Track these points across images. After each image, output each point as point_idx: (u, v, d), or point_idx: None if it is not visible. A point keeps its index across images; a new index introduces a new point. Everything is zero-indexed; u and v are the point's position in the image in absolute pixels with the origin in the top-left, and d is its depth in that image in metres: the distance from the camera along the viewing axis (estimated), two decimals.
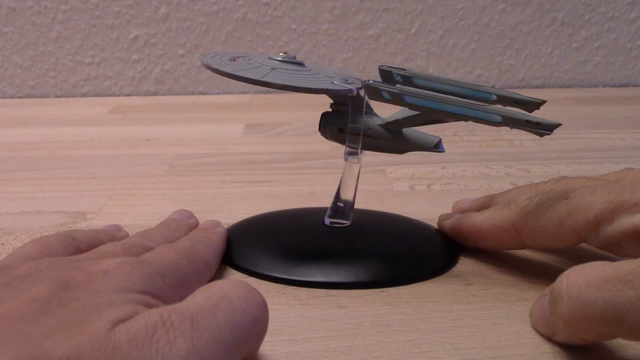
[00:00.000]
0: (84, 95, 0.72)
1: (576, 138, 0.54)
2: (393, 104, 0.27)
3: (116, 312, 0.17)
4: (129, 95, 0.73)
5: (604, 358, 0.23)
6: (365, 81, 0.28)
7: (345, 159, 0.30)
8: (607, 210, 0.24)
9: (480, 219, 0.30)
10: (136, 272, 0.21)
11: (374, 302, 0.27)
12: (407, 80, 0.30)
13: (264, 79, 0.27)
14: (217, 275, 0.29)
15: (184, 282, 0.23)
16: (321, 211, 0.32)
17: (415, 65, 0.73)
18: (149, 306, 0.19)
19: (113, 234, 0.30)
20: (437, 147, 0.26)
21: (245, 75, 0.27)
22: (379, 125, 0.28)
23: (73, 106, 0.67)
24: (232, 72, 0.27)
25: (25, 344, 0.15)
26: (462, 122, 0.28)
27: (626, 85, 0.77)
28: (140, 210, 0.38)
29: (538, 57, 0.75)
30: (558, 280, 0.22)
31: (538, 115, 0.26)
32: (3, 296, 0.18)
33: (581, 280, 0.21)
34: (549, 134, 0.24)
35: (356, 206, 0.33)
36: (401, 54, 0.73)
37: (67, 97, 0.72)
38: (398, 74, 0.30)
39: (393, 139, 0.27)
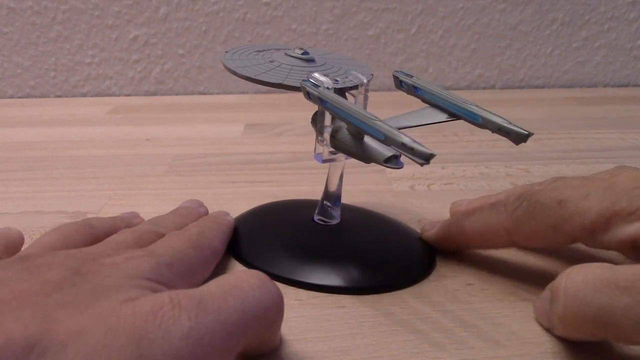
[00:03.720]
0: (84, 95, 0.72)
1: (576, 138, 0.54)
2: (318, 105, 0.27)
3: (125, 293, 0.18)
4: (129, 95, 0.72)
5: (604, 358, 0.23)
6: (302, 80, 0.27)
7: (314, 157, 0.29)
8: (603, 218, 0.24)
9: (468, 223, 0.29)
10: (143, 264, 0.22)
11: (374, 302, 0.27)
12: (410, 88, 0.30)
13: (237, 70, 0.28)
14: (223, 262, 0.30)
15: (191, 270, 0.25)
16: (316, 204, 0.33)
17: (416, 65, 0.73)
18: (157, 292, 0.20)
19: (129, 221, 0.32)
20: (388, 162, 0.24)
21: (230, 67, 0.29)
22: (346, 129, 0.27)
23: (73, 106, 0.67)
24: (229, 66, 0.29)
25: (38, 312, 0.16)
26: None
27: (626, 85, 0.77)
28: (140, 210, 0.38)
29: (538, 57, 0.75)
30: (558, 278, 0.22)
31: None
32: (21, 277, 0.19)
33: (580, 280, 0.21)
34: (426, 164, 0.21)
35: (356, 205, 0.33)
36: (401, 54, 0.73)
37: (67, 97, 0.72)
38: (403, 81, 0.30)
39: (354, 145, 0.26)
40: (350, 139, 0.26)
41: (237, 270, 0.21)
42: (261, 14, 0.70)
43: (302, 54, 0.30)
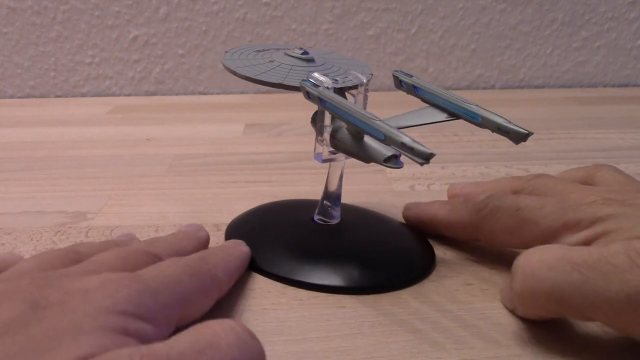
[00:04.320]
0: (84, 95, 0.72)
1: (576, 138, 0.54)
2: (317, 104, 0.27)
3: (80, 346, 0.16)
4: (129, 95, 0.73)
5: (604, 358, 0.23)
6: (302, 80, 0.27)
7: (314, 157, 0.30)
8: (552, 229, 0.25)
9: (441, 213, 0.31)
10: (122, 290, 0.19)
11: (374, 302, 0.27)
12: (410, 87, 0.30)
13: (237, 70, 0.29)
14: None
15: (183, 300, 0.22)
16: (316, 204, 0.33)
17: (415, 65, 0.73)
18: (127, 332, 0.17)
19: (125, 245, 0.28)
20: (388, 161, 0.24)
21: (230, 67, 0.29)
22: (346, 128, 0.27)
23: (73, 106, 0.67)
24: (229, 66, 0.29)
25: None
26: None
27: (626, 85, 0.77)
28: (140, 210, 0.38)
29: (538, 57, 0.75)
30: (516, 259, 0.24)
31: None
32: None
33: (536, 258, 0.23)
34: (426, 163, 0.22)
35: (356, 204, 0.32)
36: (401, 54, 0.73)
37: (67, 97, 0.72)
38: (403, 81, 0.30)
39: (354, 145, 0.26)
40: (350, 138, 0.26)
41: (213, 322, 0.18)
42: (261, 14, 0.70)
43: (302, 53, 0.30)
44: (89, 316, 0.17)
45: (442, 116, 0.28)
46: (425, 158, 0.21)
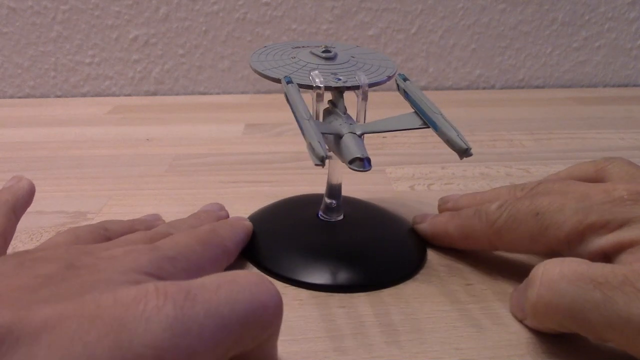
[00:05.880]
0: (84, 95, 0.72)
1: (576, 138, 0.54)
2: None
3: (113, 287, 0.17)
4: (129, 95, 0.72)
5: (603, 359, 0.23)
6: (284, 77, 0.28)
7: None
8: (576, 232, 0.25)
9: (452, 227, 0.30)
10: (143, 257, 0.21)
11: (374, 301, 0.27)
12: (402, 92, 0.30)
13: (252, 64, 0.30)
14: (237, 266, 0.29)
15: (197, 267, 0.23)
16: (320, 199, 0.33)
17: (415, 65, 0.73)
18: None
19: (150, 223, 0.31)
20: (352, 163, 0.24)
21: (250, 59, 0.31)
22: None
23: (73, 106, 0.67)
24: (251, 57, 0.31)
25: (17, 306, 0.16)
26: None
27: (626, 85, 0.77)
28: (140, 210, 0.38)
29: (538, 57, 0.75)
30: (535, 268, 0.23)
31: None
32: (12, 273, 0.18)
33: (557, 271, 0.22)
34: (321, 165, 0.23)
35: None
36: (401, 54, 0.73)
37: (67, 97, 0.72)
38: (397, 84, 0.30)
39: (334, 143, 0.26)
40: (332, 137, 0.26)
41: (236, 270, 0.20)
42: (261, 14, 0.70)
43: (323, 52, 0.30)
44: (118, 273, 0.19)
45: (418, 123, 0.28)
46: (320, 160, 0.23)
